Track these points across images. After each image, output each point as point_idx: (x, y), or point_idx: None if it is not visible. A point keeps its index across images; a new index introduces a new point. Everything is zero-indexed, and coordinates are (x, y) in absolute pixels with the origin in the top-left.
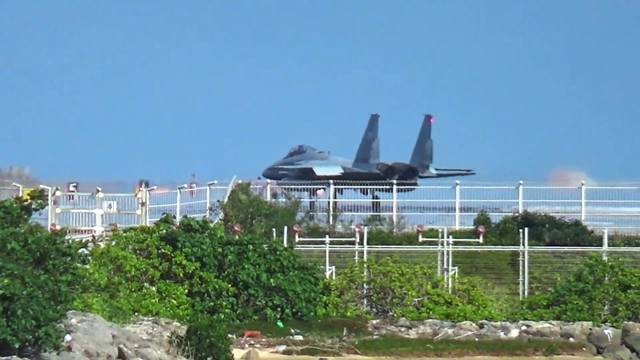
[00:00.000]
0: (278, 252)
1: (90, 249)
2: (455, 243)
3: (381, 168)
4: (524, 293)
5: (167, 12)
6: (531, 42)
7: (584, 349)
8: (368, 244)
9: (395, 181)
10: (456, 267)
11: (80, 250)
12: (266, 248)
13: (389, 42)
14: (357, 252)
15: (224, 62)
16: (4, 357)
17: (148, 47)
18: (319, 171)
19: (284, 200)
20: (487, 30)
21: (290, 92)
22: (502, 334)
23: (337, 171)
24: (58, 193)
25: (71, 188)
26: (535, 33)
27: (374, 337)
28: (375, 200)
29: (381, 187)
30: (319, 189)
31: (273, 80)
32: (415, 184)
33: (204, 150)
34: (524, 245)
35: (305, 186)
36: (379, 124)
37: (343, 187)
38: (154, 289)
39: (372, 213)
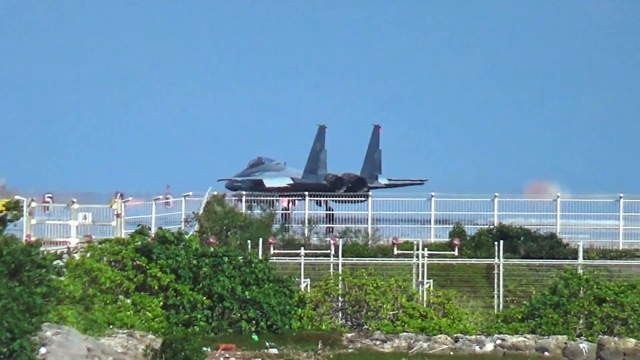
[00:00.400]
0: (253, 265)
1: (65, 260)
2: (430, 256)
3: (329, 179)
4: (499, 306)
5: (137, 28)
6: (504, 54)
7: None
8: (343, 256)
9: (342, 192)
10: (431, 280)
11: (55, 262)
12: (241, 260)
13: (342, 53)
14: (332, 265)
15: (196, 74)
16: None
17: (122, 61)
18: (268, 183)
19: (259, 212)
20: (453, 42)
21: (254, 104)
22: (477, 348)
23: (285, 183)
24: (33, 204)
25: (46, 199)
26: (507, 43)
27: (349, 350)
28: (329, 212)
29: (336, 198)
30: (293, 200)
31: (240, 92)
32: (368, 195)
33: (178, 161)
34: (499, 258)
35: (277, 197)
36: (326, 135)
37: (297, 199)
38: (128, 301)
39: (327, 225)
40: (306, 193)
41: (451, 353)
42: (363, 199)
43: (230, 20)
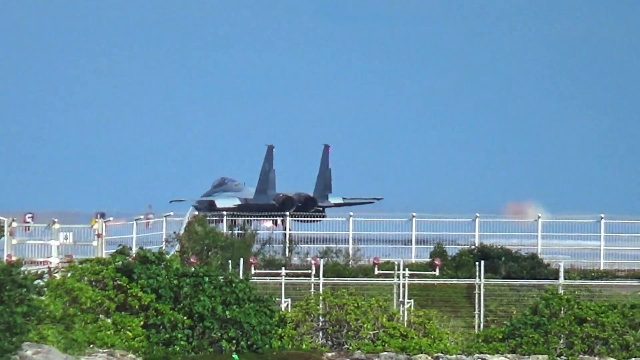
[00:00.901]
0: (234, 284)
1: (46, 280)
2: (411, 276)
3: (279, 199)
4: (479, 326)
5: (117, 43)
6: (480, 77)
7: None
8: (324, 276)
9: (292, 211)
10: (412, 300)
11: (36, 282)
12: (222, 280)
13: (301, 72)
14: (313, 285)
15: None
16: None
17: (103, 78)
18: (219, 203)
19: (239, 231)
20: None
21: (222, 124)
22: None
23: (232, 203)
24: (14, 224)
25: (27, 219)
26: (480, 63)
27: None
28: (284, 231)
29: (296, 218)
30: (270, 221)
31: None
32: (323, 215)
33: (158, 180)
34: (480, 278)
35: (258, 218)
36: (274, 155)
37: (277, 219)
38: (109, 320)
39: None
40: (287, 214)
41: None
42: (320, 218)
43: (187, 45)
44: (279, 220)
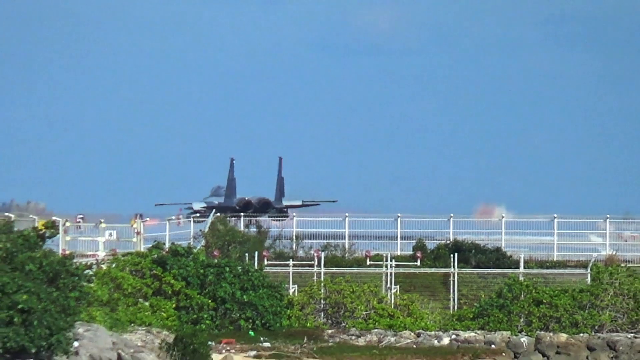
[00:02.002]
0: (250, 273)
1: (94, 270)
2: (396, 266)
3: (240, 202)
4: (454, 307)
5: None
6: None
7: (504, 354)
8: (324, 266)
9: (250, 212)
10: (397, 286)
11: (86, 272)
12: (240, 270)
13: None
14: (315, 274)
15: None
16: None
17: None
18: (195, 206)
19: (254, 230)
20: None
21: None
22: (435, 342)
23: (201, 206)
24: (67, 224)
25: (78, 219)
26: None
27: (329, 344)
28: (260, 229)
29: (266, 218)
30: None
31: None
32: (286, 215)
33: (158, 186)
34: (454, 267)
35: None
36: (235, 166)
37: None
38: (147, 304)
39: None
40: (293, 215)
41: (414, 346)
42: (284, 218)
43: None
44: (254, 219)
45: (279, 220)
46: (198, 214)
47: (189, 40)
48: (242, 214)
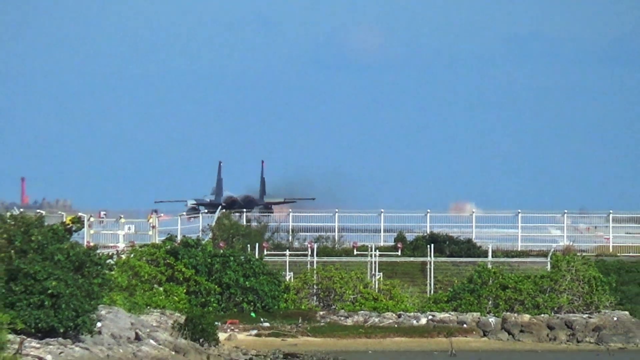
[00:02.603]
0: (251, 262)
1: (114, 260)
2: (380, 255)
3: (226, 200)
4: (430, 292)
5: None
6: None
7: (474, 332)
8: (317, 256)
9: (236, 208)
10: (381, 273)
11: (107, 261)
12: (243, 259)
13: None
14: (309, 262)
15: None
16: (52, 339)
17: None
18: (188, 204)
19: (255, 224)
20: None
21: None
22: (414, 322)
23: (191, 203)
24: (91, 219)
25: (101, 215)
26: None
27: (321, 324)
28: (248, 223)
29: (263, 213)
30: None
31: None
32: (272, 211)
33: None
34: (430, 257)
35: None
36: (222, 168)
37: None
38: (161, 289)
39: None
40: (289, 210)
41: (396, 325)
42: (270, 213)
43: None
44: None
45: (266, 215)
46: (193, 211)
47: (190, 58)
48: (229, 209)
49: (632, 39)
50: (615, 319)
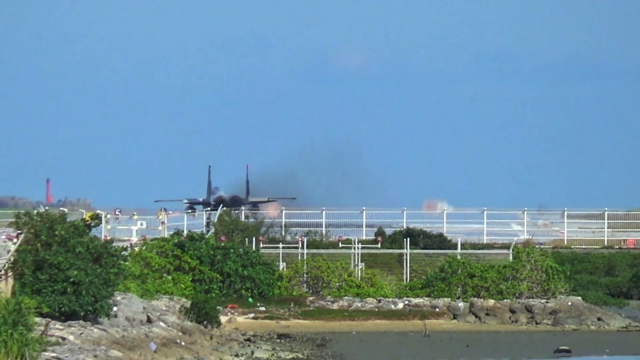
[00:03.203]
0: (249, 254)
1: (128, 251)
2: (362, 248)
3: (215, 199)
4: (406, 280)
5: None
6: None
7: (445, 315)
8: (307, 248)
9: (223, 206)
10: (363, 263)
11: (122, 253)
12: (241, 251)
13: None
14: (299, 254)
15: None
16: (74, 321)
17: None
18: (184, 202)
19: (252, 220)
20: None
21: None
22: (392, 306)
23: (184, 202)
24: (108, 216)
25: (116, 213)
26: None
27: (310, 308)
28: (245, 219)
29: (252, 210)
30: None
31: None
32: (258, 208)
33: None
34: (406, 249)
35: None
36: (212, 172)
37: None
38: (169, 277)
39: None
40: (282, 208)
41: (376, 309)
42: (257, 210)
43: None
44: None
45: (255, 212)
46: (190, 209)
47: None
48: (218, 207)
49: (585, 56)
50: (569, 303)
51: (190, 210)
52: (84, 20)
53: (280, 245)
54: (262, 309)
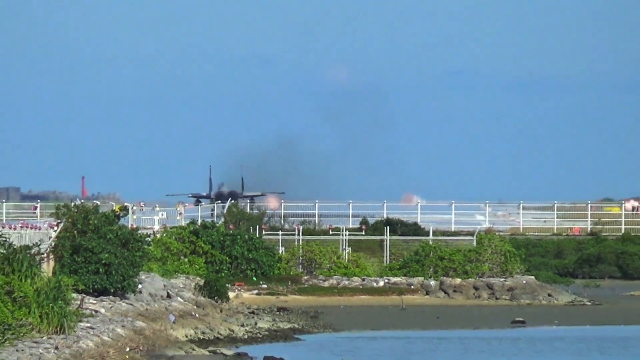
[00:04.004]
0: (253, 239)
1: (152, 238)
2: (349, 235)
3: (216, 194)
4: (386, 262)
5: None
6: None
7: (419, 292)
8: (302, 235)
9: (223, 199)
10: (349, 248)
11: (146, 239)
12: (247, 237)
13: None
14: (296, 240)
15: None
16: (105, 297)
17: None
18: (189, 196)
19: (256, 211)
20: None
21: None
22: (374, 284)
23: (188, 195)
24: (134, 208)
25: (141, 205)
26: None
27: (305, 285)
28: (242, 208)
29: (252, 203)
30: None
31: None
32: (254, 201)
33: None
34: (386, 236)
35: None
36: (212, 170)
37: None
38: (186, 260)
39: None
40: (282, 201)
41: (360, 287)
42: (254, 202)
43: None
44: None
45: (252, 203)
46: (197, 202)
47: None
48: (219, 200)
49: (537, 73)
50: (524, 282)
51: (199, 203)
52: (109, 32)
53: (280, 232)
54: (264, 286)
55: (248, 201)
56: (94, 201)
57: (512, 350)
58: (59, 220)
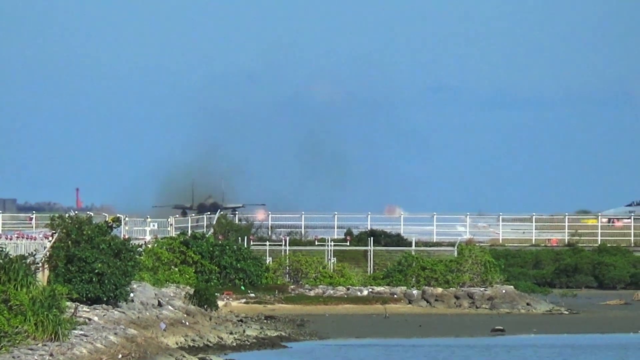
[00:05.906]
0: (242, 250)
1: (143, 248)
2: (334, 245)
3: (198, 206)
4: (370, 271)
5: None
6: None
7: (402, 301)
8: (289, 245)
9: (206, 211)
10: (335, 258)
11: (138, 249)
12: (235, 248)
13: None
14: (283, 250)
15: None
16: (98, 305)
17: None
18: (173, 208)
19: (244, 222)
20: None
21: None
22: (359, 293)
23: (172, 206)
24: (127, 219)
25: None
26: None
27: (292, 294)
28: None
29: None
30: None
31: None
32: (236, 212)
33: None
34: (370, 246)
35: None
36: (195, 183)
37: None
38: (177, 269)
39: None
40: (269, 212)
41: (345, 296)
42: (237, 213)
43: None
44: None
45: (234, 214)
46: (183, 214)
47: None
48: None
49: (515, 88)
50: (503, 291)
51: (185, 215)
52: (111, 40)
53: (267, 243)
54: (252, 295)
55: (229, 212)
56: (88, 212)
57: (491, 357)
58: (54, 231)
